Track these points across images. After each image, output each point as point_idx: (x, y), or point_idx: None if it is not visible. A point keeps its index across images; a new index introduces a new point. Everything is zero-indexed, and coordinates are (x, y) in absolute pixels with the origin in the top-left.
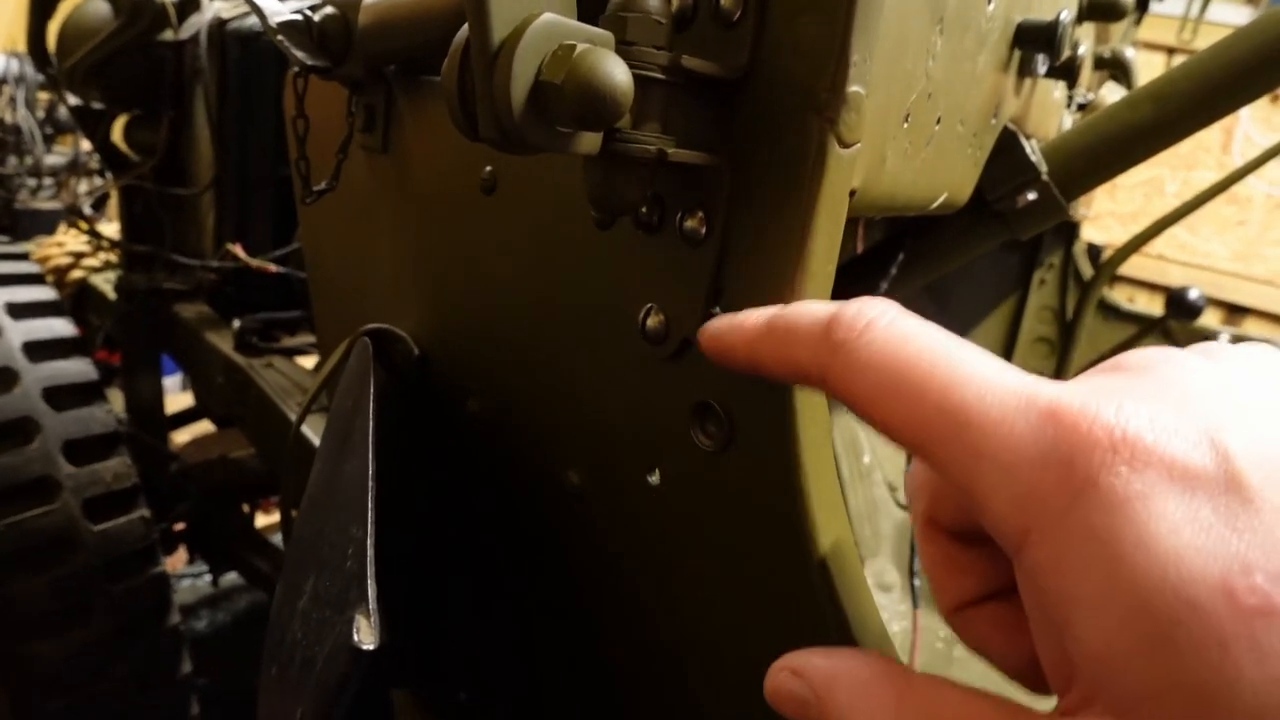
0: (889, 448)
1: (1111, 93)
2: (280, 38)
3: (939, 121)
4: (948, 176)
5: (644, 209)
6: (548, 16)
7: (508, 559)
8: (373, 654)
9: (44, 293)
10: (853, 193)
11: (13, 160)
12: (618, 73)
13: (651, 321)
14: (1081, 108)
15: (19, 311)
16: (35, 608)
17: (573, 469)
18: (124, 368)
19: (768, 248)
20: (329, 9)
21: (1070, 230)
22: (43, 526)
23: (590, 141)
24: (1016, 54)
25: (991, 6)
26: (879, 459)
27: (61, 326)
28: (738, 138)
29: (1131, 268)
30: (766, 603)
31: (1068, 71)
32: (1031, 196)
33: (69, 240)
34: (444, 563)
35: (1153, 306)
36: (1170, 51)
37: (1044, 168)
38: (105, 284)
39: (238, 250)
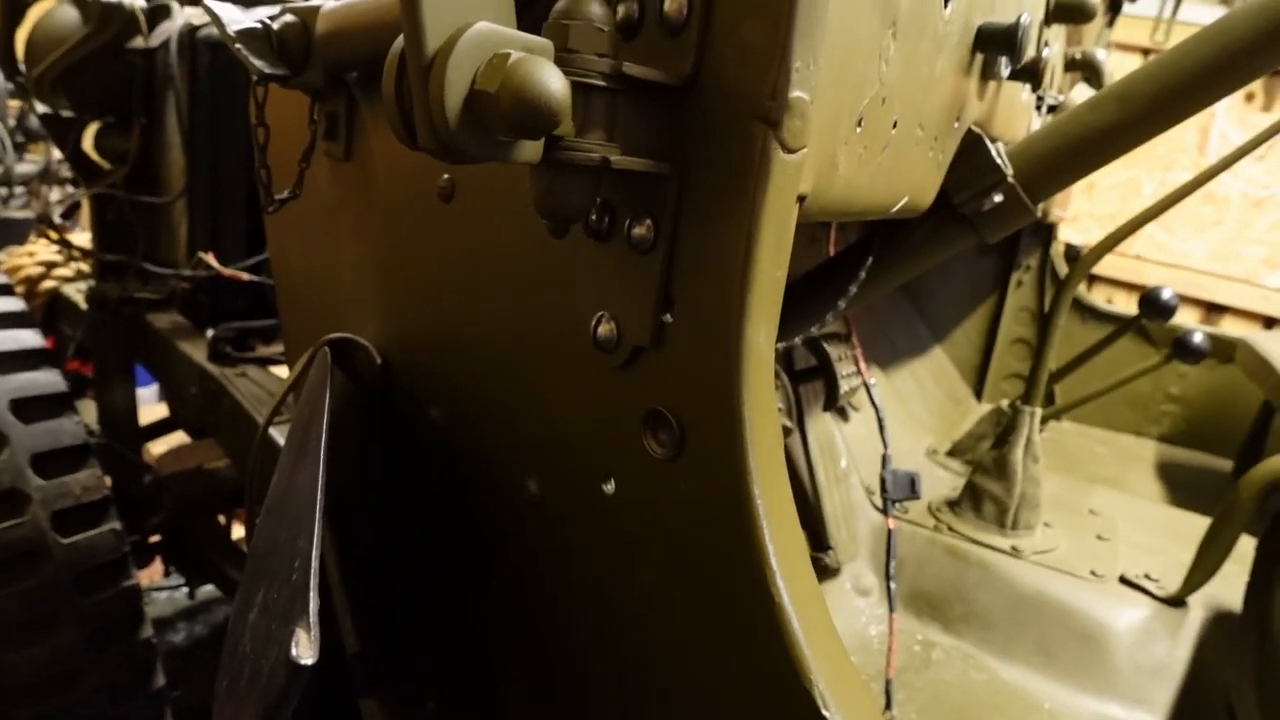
0: (866, 450)
1: (1082, 95)
2: (239, 46)
3: (895, 125)
4: (907, 180)
5: (594, 216)
6: (482, 25)
7: (470, 566)
8: (313, 669)
9: (11, 304)
10: (802, 198)
11: None
12: (553, 81)
13: (603, 330)
14: (1052, 109)
15: None
16: (3, 619)
17: (531, 478)
18: (97, 378)
19: (714, 254)
20: (288, 17)
21: (1047, 232)
22: (10, 539)
23: (531, 150)
24: (979, 57)
25: (949, 9)
26: (856, 462)
27: (30, 338)
28: (684, 145)
29: (1109, 268)
30: (721, 605)
31: (1032, 74)
32: (998, 199)
33: (40, 250)
34: (409, 571)
35: (1131, 307)
36: (1145, 53)
37: (1010, 170)
38: (77, 294)
39: (210, 259)
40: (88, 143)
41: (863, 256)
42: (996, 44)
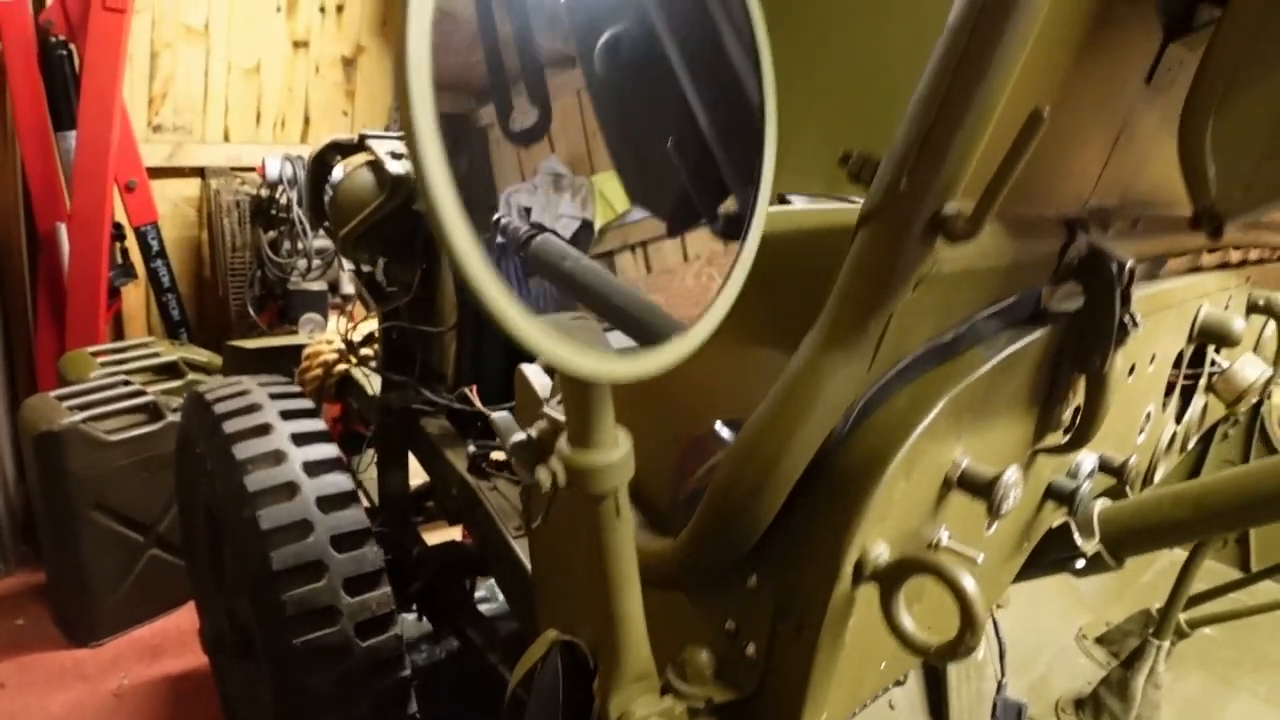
0: (1014, 637)
1: (1245, 365)
2: (513, 459)
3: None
4: None
5: None
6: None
7: None
8: None
9: (329, 450)
10: None
11: (286, 246)
12: None
13: None
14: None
15: (313, 469)
16: (322, 695)
17: None
18: (379, 465)
19: None
20: (542, 423)
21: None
22: (328, 644)
23: None
24: (1048, 504)
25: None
26: (992, 654)
27: (342, 481)
28: None
29: None
30: None
31: (1119, 474)
32: (1081, 565)
33: (336, 339)
34: None
35: None
36: None
37: (1095, 542)
38: (363, 377)
39: (473, 395)
40: (378, 272)
41: None
42: (1055, 498)
